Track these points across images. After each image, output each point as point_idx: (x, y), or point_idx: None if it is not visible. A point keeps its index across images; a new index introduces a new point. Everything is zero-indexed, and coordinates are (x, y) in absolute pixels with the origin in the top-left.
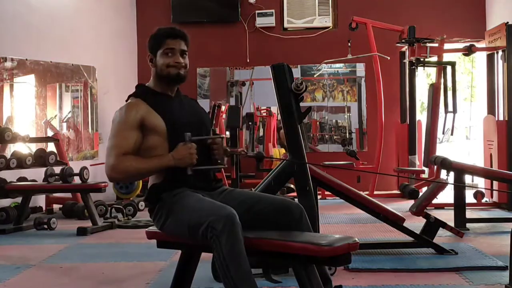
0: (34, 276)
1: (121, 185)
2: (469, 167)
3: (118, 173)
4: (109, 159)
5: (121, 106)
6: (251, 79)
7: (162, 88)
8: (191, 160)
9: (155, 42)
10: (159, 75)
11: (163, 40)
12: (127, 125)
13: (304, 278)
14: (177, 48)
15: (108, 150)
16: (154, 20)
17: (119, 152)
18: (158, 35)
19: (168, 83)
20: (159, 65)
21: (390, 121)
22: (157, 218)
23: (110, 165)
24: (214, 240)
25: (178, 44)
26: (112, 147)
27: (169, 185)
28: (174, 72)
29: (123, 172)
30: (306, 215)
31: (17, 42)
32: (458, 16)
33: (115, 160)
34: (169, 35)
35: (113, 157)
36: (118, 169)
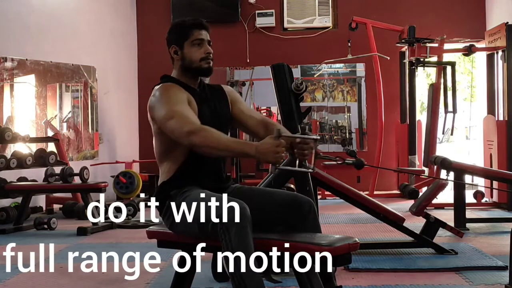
0: (34, 276)
1: (121, 185)
2: (469, 167)
3: (200, 137)
4: (184, 126)
5: (158, 87)
6: (251, 79)
7: (187, 80)
8: (275, 159)
9: (181, 33)
10: (187, 67)
11: (190, 30)
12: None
13: (304, 278)
14: (205, 39)
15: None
16: (154, 20)
17: (193, 119)
18: (183, 26)
19: (196, 75)
20: (189, 57)
21: (390, 121)
22: (167, 217)
23: (187, 131)
24: (224, 231)
25: (205, 35)
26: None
27: (179, 183)
28: (205, 66)
29: (206, 138)
30: (315, 210)
31: (17, 42)
32: (458, 16)
33: (193, 126)
34: (196, 26)
35: (188, 124)
36: (200, 134)
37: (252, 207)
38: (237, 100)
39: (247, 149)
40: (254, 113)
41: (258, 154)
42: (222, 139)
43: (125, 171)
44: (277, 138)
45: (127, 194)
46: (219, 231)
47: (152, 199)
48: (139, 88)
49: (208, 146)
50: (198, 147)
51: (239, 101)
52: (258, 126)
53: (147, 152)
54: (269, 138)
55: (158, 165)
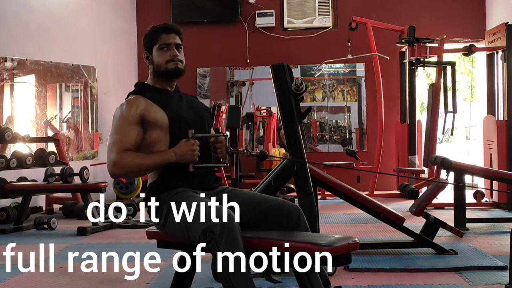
0: (34, 276)
1: (121, 185)
2: (469, 167)
3: (119, 168)
4: (111, 155)
5: (122, 103)
6: (251, 79)
7: (161, 84)
8: (193, 157)
9: (150, 39)
10: (156, 71)
11: (157, 35)
12: (127, 121)
13: (304, 278)
14: (173, 42)
15: (110, 146)
16: (154, 20)
17: (121, 148)
18: (152, 31)
19: (166, 78)
20: (156, 62)
21: (390, 121)
22: (157, 218)
23: (111, 161)
24: (213, 245)
25: (173, 38)
26: (113, 143)
27: (167, 184)
28: (172, 67)
29: (125, 168)
30: (304, 217)
31: (17, 42)
32: (458, 16)
33: (117, 156)
34: (163, 30)
35: (114, 153)
36: (119, 165)
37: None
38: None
39: (168, 157)
40: None
41: (178, 157)
42: (142, 160)
43: None
44: (191, 139)
45: (127, 194)
46: (208, 244)
47: (152, 199)
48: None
49: (131, 173)
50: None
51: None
52: None
53: None
54: (184, 140)
55: None
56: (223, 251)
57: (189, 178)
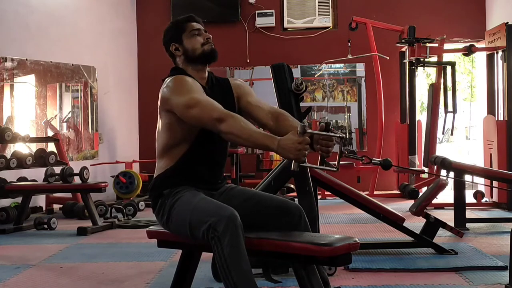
0: (34, 276)
1: (121, 185)
2: (469, 167)
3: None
4: (211, 112)
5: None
6: (251, 79)
7: (194, 74)
8: (297, 156)
9: (176, 30)
10: (191, 57)
11: (184, 24)
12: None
13: (304, 278)
14: (202, 28)
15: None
16: (154, 20)
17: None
18: (176, 23)
19: (203, 62)
20: (191, 47)
21: (390, 121)
22: (160, 215)
23: (215, 118)
24: (216, 241)
25: (200, 26)
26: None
27: (172, 181)
28: (208, 48)
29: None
30: (305, 216)
31: (17, 42)
32: (458, 16)
33: (220, 113)
34: (187, 20)
35: (217, 110)
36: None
37: (244, 211)
38: (244, 93)
39: (269, 142)
40: (262, 104)
41: (279, 149)
42: (248, 129)
43: (125, 171)
44: (301, 135)
45: (127, 194)
46: (211, 240)
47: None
48: (139, 88)
49: (233, 134)
50: (224, 134)
51: (247, 93)
52: (267, 118)
53: (147, 152)
54: (292, 134)
55: (157, 159)
56: (226, 248)
57: (194, 177)
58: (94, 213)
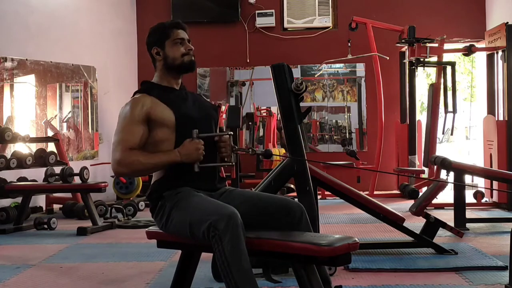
0: (34, 276)
1: (121, 185)
2: (469, 167)
3: (124, 167)
4: (115, 153)
5: (127, 102)
6: (251, 79)
7: (168, 81)
8: (198, 157)
9: (161, 34)
10: (170, 65)
11: (170, 30)
12: (132, 120)
13: (304, 278)
14: (186, 38)
15: (114, 145)
16: (154, 20)
17: (125, 147)
18: (162, 27)
19: (179, 72)
20: (172, 55)
21: (390, 121)
22: (159, 217)
23: (116, 160)
24: (216, 240)
25: (184, 34)
26: (118, 141)
27: (172, 183)
28: (188, 60)
29: (129, 166)
30: (306, 215)
31: (17, 42)
32: (458, 16)
33: (121, 155)
34: (174, 26)
35: (119, 152)
36: (124, 163)
37: (243, 211)
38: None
39: (173, 157)
40: None
41: (183, 157)
42: (147, 159)
43: None
44: (195, 139)
45: (127, 194)
46: (212, 239)
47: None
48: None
49: (136, 171)
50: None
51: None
52: None
53: None
54: (188, 140)
55: None
56: (226, 247)
57: (194, 178)
58: (94, 213)
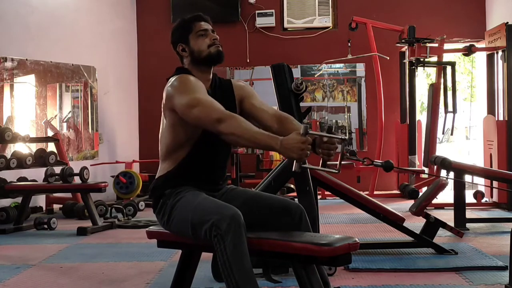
0: (34, 276)
1: (121, 185)
2: (469, 167)
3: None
4: (212, 113)
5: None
6: (251, 79)
7: (199, 77)
8: (299, 156)
9: (183, 30)
10: (197, 59)
11: (191, 24)
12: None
13: (304, 278)
14: (209, 29)
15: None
16: (154, 20)
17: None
18: (183, 22)
19: (209, 64)
20: (197, 49)
21: (390, 121)
22: (161, 215)
23: (216, 118)
24: (218, 240)
25: (207, 26)
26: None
27: (175, 181)
28: (215, 50)
29: (232, 127)
30: (306, 216)
31: (17, 42)
32: (458, 16)
33: (220, 113)
34: (195, 19)
35: (217, 111)
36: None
37: (245, 211)
38: (248, 95)
39: (272, 142)
40: (266, 107)
41: (282, 149)
42: (249, 129)
43: (125, 171)
44: (303, 135)
45: (127, 194)
46: (214, 239)
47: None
48: (139, 88)
49: (234, 135)
50: (225, 135)
51: (250, 95)
52: (271, 121)
53: (147, 152)
54: (295, 133)
55: (160, 160)
56: (228, 246)
57: (196, 178)
58: (94, 213)
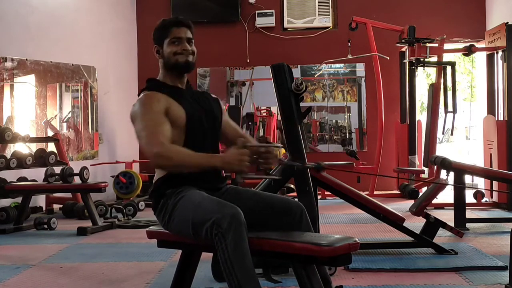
0: (34, 276)
1: (121, 185)
2: (469, 167)
3: (165, 159)
4: (152, 147)
5: (139, 98)
6: (251, 79)
7: (172, 80)
8: (240, 168)
9: (161, 33)
10: (167, 65)
11: (168, 29)
12: (157, 112)
13: (304, 278)
14: (184, 37)
15: (148, 138)
16: (154, 20)
17: (162, 139)
18: (163, 25)
19: (177, 72)
20: (167, 54)
21: (390, 121)
22: (161, 215)
23: (156, 153)
24: (219, 238)
25: (184, 33)
26: (151, 134)
27: (174, 181)
28: (182, 60)
29: (170, 160)
30: (307, 215)
31: (17, 42)
32: (458, 16)
33: (160, 148)
34: (173, 24)
35: (157, 145)
36: (165, 156)
37: (245, 210)
38: (222, 111)
39: (214, 161)
40: (234, 124)
41: (224, 164)
42: (189, 157)
43: (125, 171)
44: (241, 148)
45: (127, 194)
46: (214, 237)
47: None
48: (139, 88)
49: (175, 166)
50: (166, 168)
51: (223, 111)
52: (235, 137)
53: None
54: (234, 148)
55: None
56: (229, 245)
57: (197, 177)
58: (94, 213)
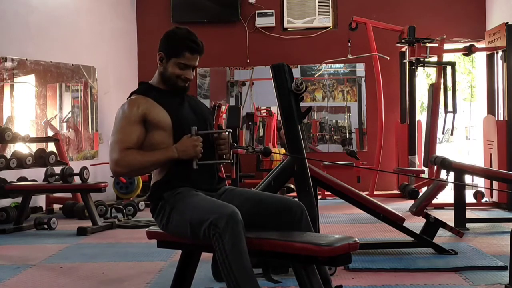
0: (34, 276)
1: (121, 185)
2: (469, 167)
3: (122, 167)
4: (113, 154)
5: (124, 103)
6: (251, 79)
7: (165, 87)
8: (196, 153)
9: (172, 48)
10: (165, 77)
11: (182, 51)
12: (129, 120)
13: (304, 278)
14: (192, 65)
15: (112, 145)
16: (154, 20)
17: (123, 147)
18: (179, 41)
19: (171, 89)
20: (169, 72)
21: (390, 121)
22: (160, 217)
23: (114, 160)
24: (217, 238)
25: (194, 61)
26: (115, 142)
27: (171, 184)
28: (181, 84)
29: (127, 166)
30: (307, 214)
31: (17, 42)
32: (458, 16)
33: (119, 155)
34: (189, 49)
35: (116, 152)
36: (122, 163)
37: (244, 211)
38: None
39: (170, 153)
40: None
41: (180, 153)
42: (144, 158)
43: None
44: (193, 135)
45: (127, 194)
46: (212, 237)
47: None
48: None
49: (134, 171)
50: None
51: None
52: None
53: None
54: (186, 136)
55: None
56: (227, 244)
57: (193, 178)
58: (94, 213)
